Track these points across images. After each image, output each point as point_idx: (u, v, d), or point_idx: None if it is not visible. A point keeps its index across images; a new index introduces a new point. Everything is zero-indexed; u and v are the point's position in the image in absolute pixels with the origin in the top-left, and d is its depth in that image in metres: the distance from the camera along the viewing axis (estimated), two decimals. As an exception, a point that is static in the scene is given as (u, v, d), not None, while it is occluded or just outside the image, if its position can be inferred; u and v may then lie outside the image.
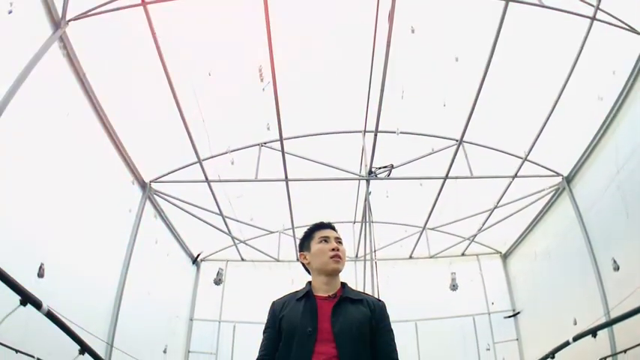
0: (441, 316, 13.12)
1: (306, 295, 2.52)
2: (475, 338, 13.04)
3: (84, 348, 3.02)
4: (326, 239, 2.62)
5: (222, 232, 11.59)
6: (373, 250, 9.15)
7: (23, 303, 2.69)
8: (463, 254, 13.67)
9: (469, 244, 13.24)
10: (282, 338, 2.40)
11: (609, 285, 8.39)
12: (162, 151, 9.18)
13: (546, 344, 4.41)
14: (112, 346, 7.61)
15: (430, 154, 9.51)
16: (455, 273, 12.49)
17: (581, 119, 8.40)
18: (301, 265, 2.78)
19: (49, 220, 6.24)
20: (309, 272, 2.71)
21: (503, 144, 9.64)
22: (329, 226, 2.72)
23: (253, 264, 12.70)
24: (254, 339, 2.57)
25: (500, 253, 13.85)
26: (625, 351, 7.13)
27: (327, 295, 2.51)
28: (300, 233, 2.83)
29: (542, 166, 9.88)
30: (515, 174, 9.86)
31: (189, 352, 12.67)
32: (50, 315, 2.82)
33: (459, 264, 13.17)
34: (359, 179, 9.75)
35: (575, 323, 8.23)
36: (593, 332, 3.03)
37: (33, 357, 4.81)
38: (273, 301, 2.64)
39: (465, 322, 13.16)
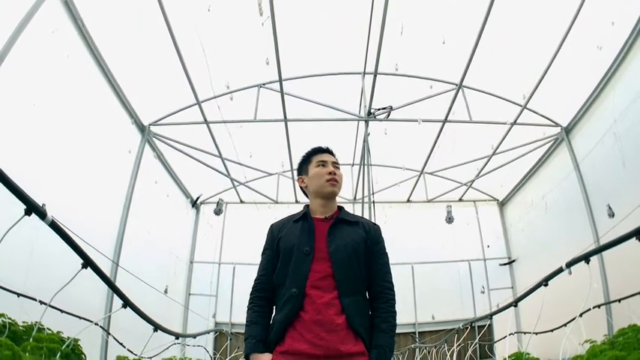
0: (437, 260, 13.42)
1: (304, 216, 2.58)
2: (470, 283, 13.33)
3: (87, 262, 3.05)
4: (323, 163, 2.65)
5: (222, 173, 11.65)
6: (371, 192, 9.19)
7: (28, 212, 2.73)
8: (460, 200, 13.82)
9: (466, 189, 13.37)
10: (280, 258, 2.46)
11: (604, 233, 8.54)
12: (160, 94, 9.15)
13: (540, 293, 4.51)
14: (117, 264, 7.78)
15: (429, 97, 9.47)
16: (450, 206, 12.57)
17: (582, 71, 8.39)
18: (300, 188, 2.82)
19: (51, 161, 6.31)
20: (307, 196, 2.75)
21: (504, 91, 9.59)
22: (327, 150, 2.74)
23: (255, 205, 12.79)
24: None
25: (498, 200, 14.00)
26: (619, 300, 7.32)
27: (323, 217, 2.56)
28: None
29: (541, 115, 9.90)
30: (515, 121, 9.86)
31: (189, 294, 12.94)
32: (54, 225, 2.87)
33: (456, 209, 13.29)
34: (358, 120, 9.74)
35: (571, 273, 8.37)
36: (585, 258, 3.10)
37: (35, 299, 4.91)
38: (272, 224, 2.69)
39: (461, 267, 13.43)
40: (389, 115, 9.17)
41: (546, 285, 3.71)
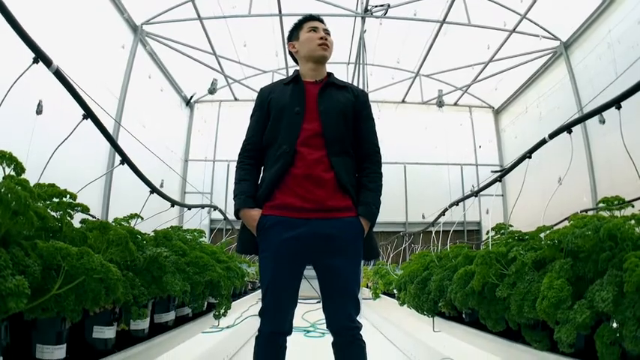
0: (430, 161, 13.68)
1: (295, 80, 2.63)
2: (462, 187, 13.63)
3: (88, 113, 3.09)
4: (314, 29, 2.69)
5: (216, 70, 11.58)
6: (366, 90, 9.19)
7: (36, 60, 2.78)
8: (456, 104, 13.83)
9: (462, 94, 13.36)
10: (270, 119, 2.54)
11: (594, 139, 8.91)
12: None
13: (531, 201, 4.65)
14: (119, 123, 7.93)
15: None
16: (442, 90, 12.46)
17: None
18: (289, 54, 2.86)
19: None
20: (296, 62, 2.80)
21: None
22: (318, 18, 2.77)
23: (254, 100, 12.73)
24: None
25: (493, 108, 14.03)
26: (609, 209, 7.52)
27: (314, 80, 2.63)
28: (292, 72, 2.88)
29: (541, 27, 9.79)
30: (514, 29, 9.78)
31: (185, 192, 13.19)
32: (58, 74, 2.91)
33: (451, 113, 13.36)
34: (355, 16, 9.58)
35: (561, 183, 8.60)
36: (567, 128, 3.22)
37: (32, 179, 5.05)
38: (261, 88, 2.74)
39: (452, 170, 13.70)
40: (386, 13, 9.02)
41: (530, 157, 3.85)
